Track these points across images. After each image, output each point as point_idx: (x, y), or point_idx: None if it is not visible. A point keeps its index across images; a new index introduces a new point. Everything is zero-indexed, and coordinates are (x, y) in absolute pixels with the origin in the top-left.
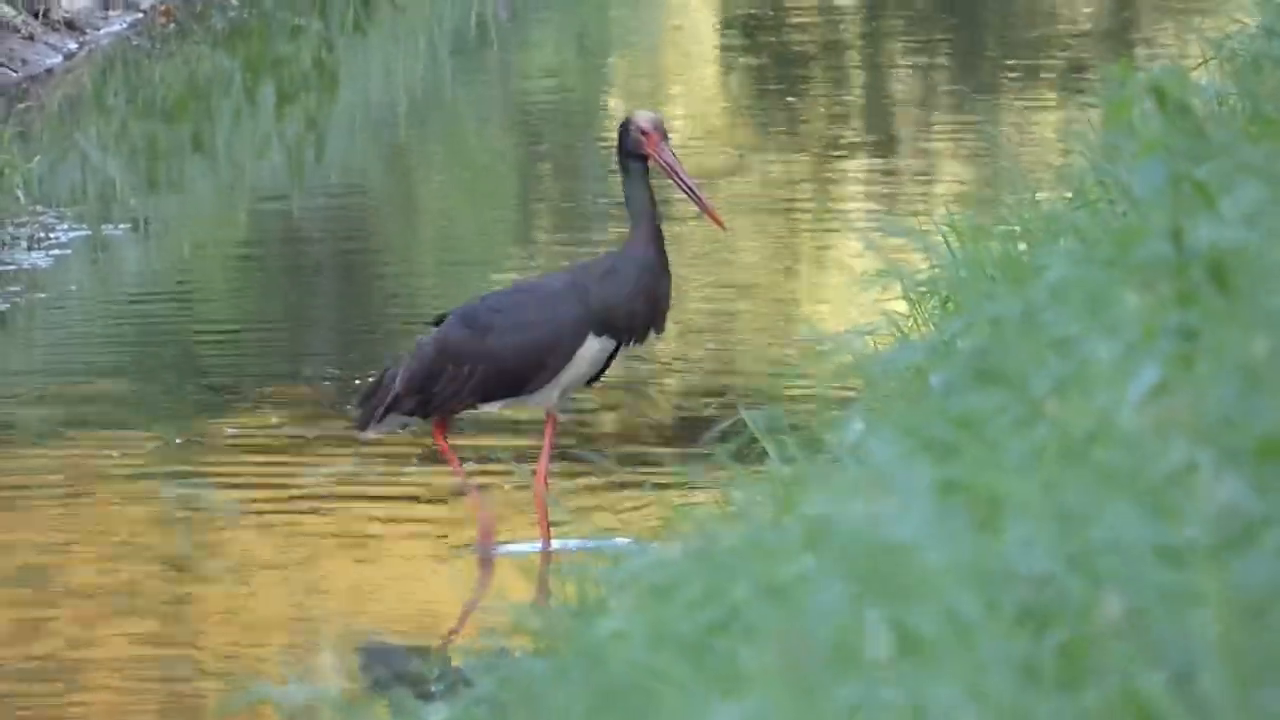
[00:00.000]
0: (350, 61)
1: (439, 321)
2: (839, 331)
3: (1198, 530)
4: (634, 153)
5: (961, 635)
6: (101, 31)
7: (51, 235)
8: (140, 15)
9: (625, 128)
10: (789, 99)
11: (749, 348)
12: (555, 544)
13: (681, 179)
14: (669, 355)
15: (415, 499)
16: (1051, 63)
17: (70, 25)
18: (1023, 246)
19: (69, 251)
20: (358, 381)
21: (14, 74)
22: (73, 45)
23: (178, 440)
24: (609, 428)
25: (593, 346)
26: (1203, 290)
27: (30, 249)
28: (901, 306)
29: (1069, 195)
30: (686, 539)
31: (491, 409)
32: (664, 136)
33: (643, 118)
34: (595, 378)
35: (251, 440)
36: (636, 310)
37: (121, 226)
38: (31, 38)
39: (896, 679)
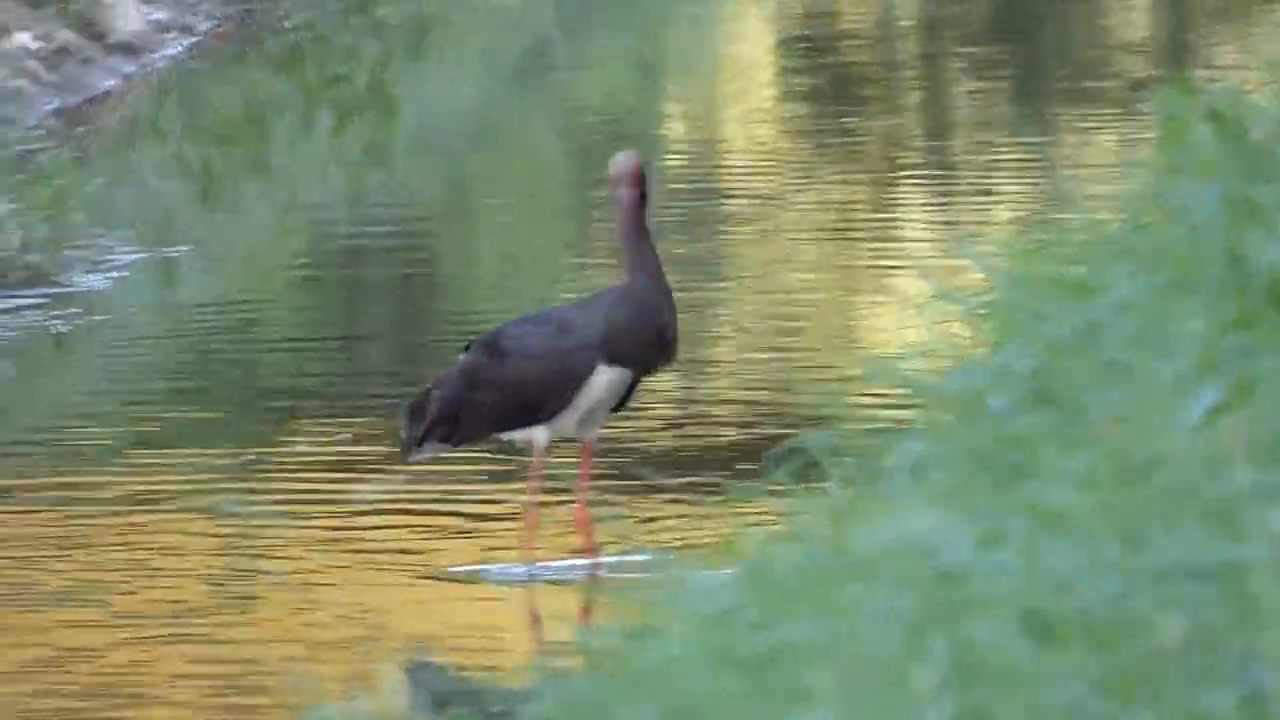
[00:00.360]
0: (406, 84)
1: (468, 348)
2: (897, 353)
3: (1260, 549)
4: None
5: (1022, 656)
6: (158, 54)
7: (110, 257)
8: (196, 38)
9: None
10: (846, 119)
11: (807, 369)
12: (603, 563)
13: (622, 226)
14: (728, 376)
15: (471, 516)
16: (1109, 82)
17: (127, 48)
18: (1080, 268)
19: (127, 274)
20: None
21: (72, 97)
22: (130, 68)
23: (237, 459)
24: (668, 448)
25: (605, 376)
26: (1261, 312)
27: (89, 271)
28: (959, 328)
29: (1126, 217)
30: (746, 560)
31: (515, 437)
32: (632, 182)
33: (614, 161)
34: (620, 405)
35: (310, 459)
36: (643, 341)
37: (179, 248)
38: (89, 61)
39: (954, 701)
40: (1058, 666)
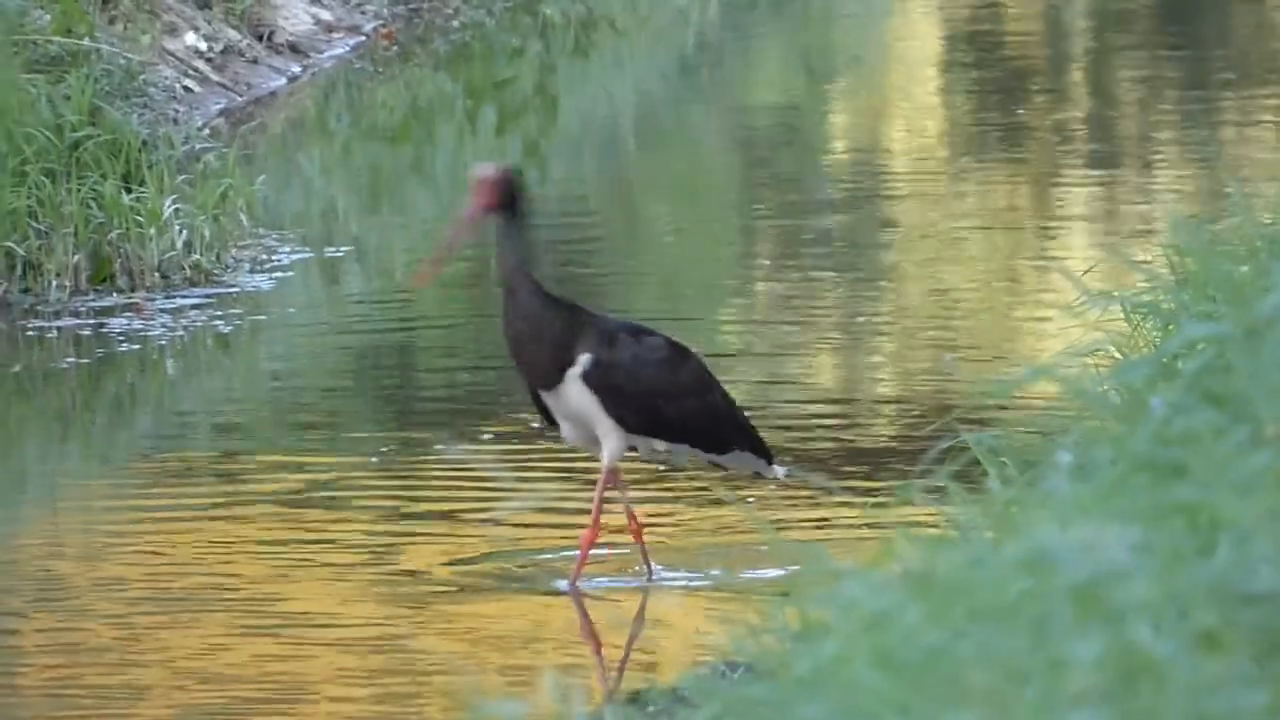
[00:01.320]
0: (571, 83)
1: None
2: (1059, 352)
3: None
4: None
5: (1182, 661)
6: (324, 54)
7: (274, 257)
8: (362, 38)
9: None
10: (1012, 115)
11: (968, 367)
12: (708, 576)
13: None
14: (888, 375)
15: (616, 528)
16: (1277, 77)
17: (294, 48)
18: (1245, 268)
19: (291, 274)
20: None
21: (239, 97)
22: (296, 68)
23: (397, 460)
24: (827, 448)
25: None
26: None
27: (253, 271)
28: (1122, 327)
29: None
30: (907, 562)
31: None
32: (484, 190)
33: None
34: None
35: (468, 460)
36: (516, 359)
37: (343, 249)
38: (255, 61)
39: (1113, 706)
40: (1218, 672)
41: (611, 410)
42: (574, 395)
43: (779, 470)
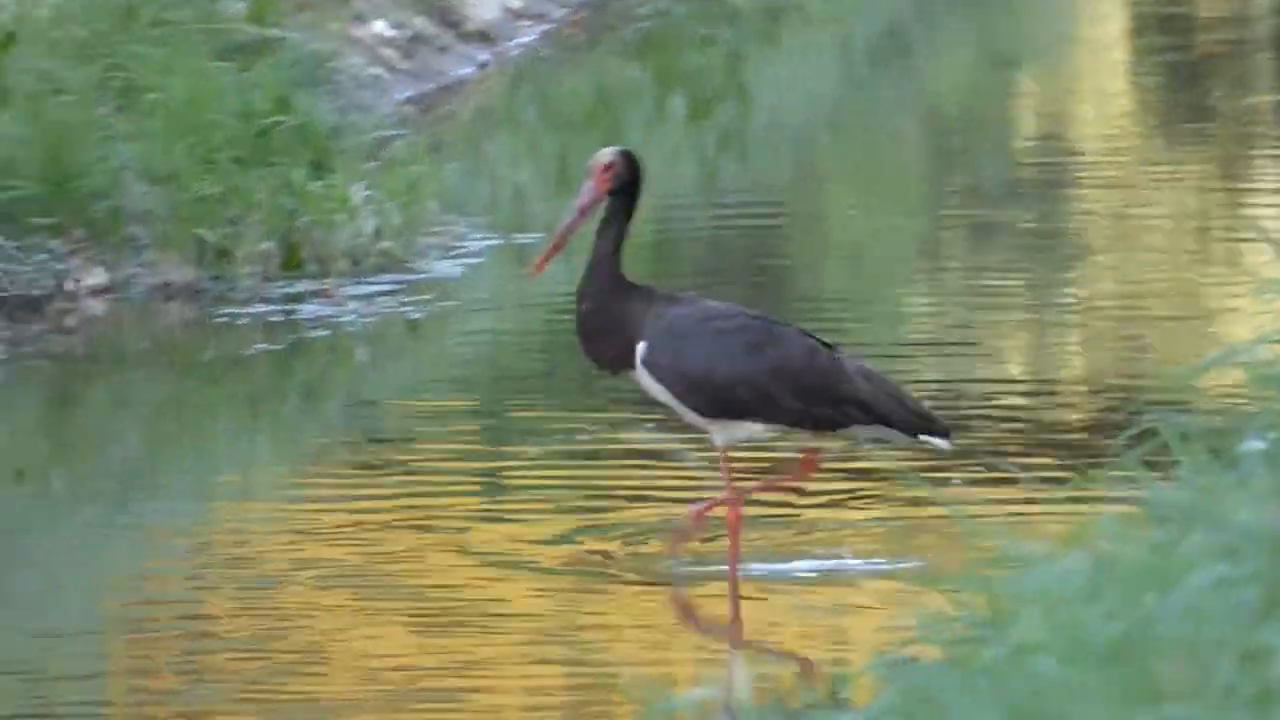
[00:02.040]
0: (760, 72)
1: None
2: (1248, 338)
3: None
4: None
5: None
6: (512, 42)
7: (463, 244)
8: (550, 26)
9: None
10: (1201, 101)
11: (1158, 354)
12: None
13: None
14: (1079, 360)
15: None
16: None
17: (482, 36)
18: None
19: (480, 260)
20: None
21: (428, 84)
22: (484, 56)
23: (588, 446)
24: (1018, 431)
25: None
26: None
27: (442, 258)
28: None
29: None
30: (1097, 547)
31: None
32: (604, 174)
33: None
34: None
35: (662, 447)
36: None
37: (532, 235)
38: (444, 48)
39: None
40: None
41: (683, 398)
42: (647, 383)
43: (939, 441)
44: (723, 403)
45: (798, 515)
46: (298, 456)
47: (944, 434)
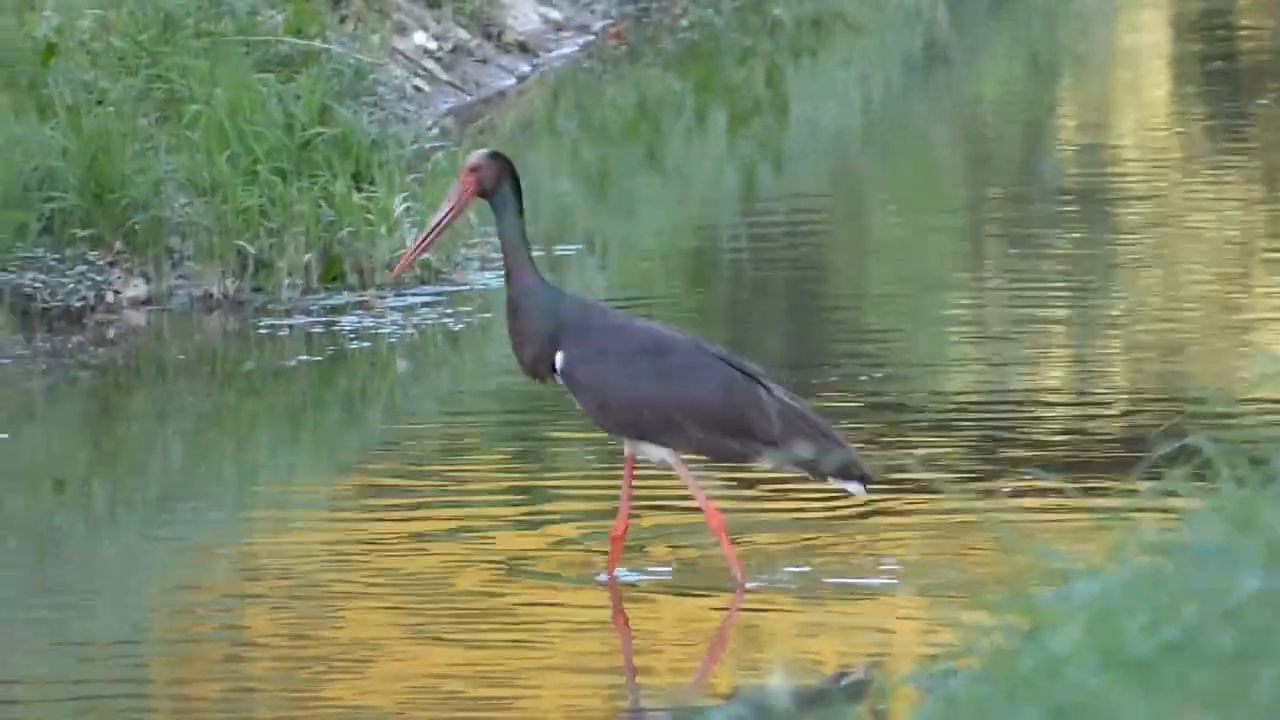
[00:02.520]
0: (800, 83)
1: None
2: None
3: None
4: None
5: None
6: (553, 54)
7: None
8: (591, 37)
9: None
10: (1242, 109)
11: (1198, 367)
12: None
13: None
14: (1118, 372)
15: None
16: None
17: (523, 47)
18: None
19: None
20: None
21: (469, 96)
22: (525, 67)
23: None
24: (1055, 444)
25: None
26: None
27: (483, 269)
28: None
29: None
30: (1137, 560)
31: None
32: (470, 177)
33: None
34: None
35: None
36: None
37: (573, 246)
38: (485, 60)
39: None
40: None
41: (592, 414)
42: (569, 392)
43: (853, 487)
44: (629, 424)
45: (836, 525)
46: (338, 467)
47: (860, 480)
